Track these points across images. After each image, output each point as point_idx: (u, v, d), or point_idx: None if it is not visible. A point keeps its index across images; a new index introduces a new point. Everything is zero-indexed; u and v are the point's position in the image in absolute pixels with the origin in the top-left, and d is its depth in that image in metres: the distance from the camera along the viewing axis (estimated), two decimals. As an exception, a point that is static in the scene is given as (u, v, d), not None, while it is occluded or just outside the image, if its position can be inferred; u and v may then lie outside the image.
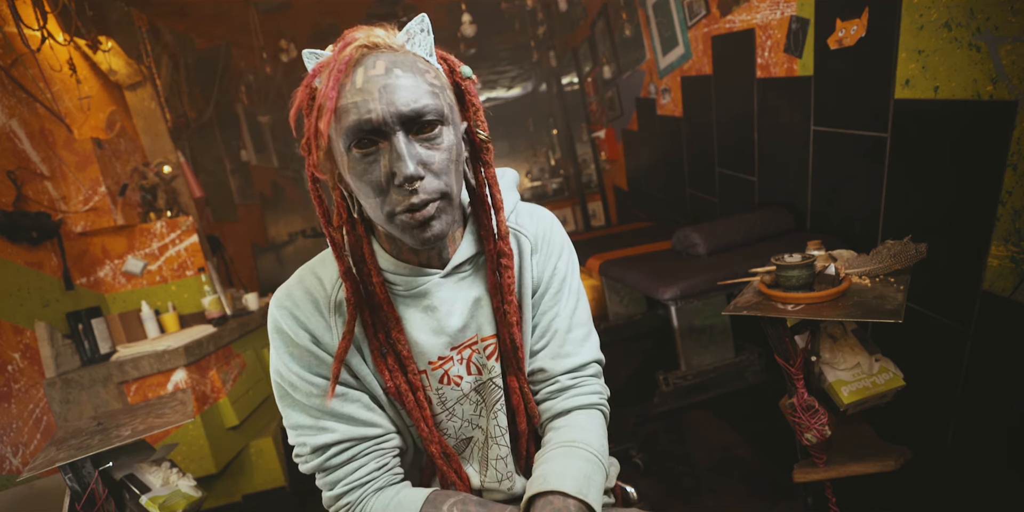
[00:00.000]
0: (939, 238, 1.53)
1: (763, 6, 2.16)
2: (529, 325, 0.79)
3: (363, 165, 0.62)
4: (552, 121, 5.98)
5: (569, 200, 5.58)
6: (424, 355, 0.75)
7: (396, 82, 0.60)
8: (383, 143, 0.61)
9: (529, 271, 0.78)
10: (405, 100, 0.60)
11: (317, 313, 0.72)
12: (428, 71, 0.63)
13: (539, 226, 0.81)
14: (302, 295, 0.73)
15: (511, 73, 5.94)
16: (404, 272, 0.73)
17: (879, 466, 1.29)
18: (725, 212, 2.85)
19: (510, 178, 0.84)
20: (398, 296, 0.74)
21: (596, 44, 4.14)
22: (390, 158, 0.61)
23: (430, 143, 0.62)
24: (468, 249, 0.76)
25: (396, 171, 0.60)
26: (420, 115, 0.61)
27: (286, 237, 5.05)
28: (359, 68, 0.61)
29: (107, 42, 2.64)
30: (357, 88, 0.60)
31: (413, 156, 0.61)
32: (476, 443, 0.81)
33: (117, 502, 1.33)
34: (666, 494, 1.78)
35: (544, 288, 0.80)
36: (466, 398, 0.78)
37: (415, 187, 0.61)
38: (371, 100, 0.59)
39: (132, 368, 2.07)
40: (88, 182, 2.27)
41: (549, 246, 0.81)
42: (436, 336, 0.75)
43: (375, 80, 0.60)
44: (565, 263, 0.81)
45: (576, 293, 0.82)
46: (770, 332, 1.28)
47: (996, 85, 1.34)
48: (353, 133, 0.60)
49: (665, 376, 2.22)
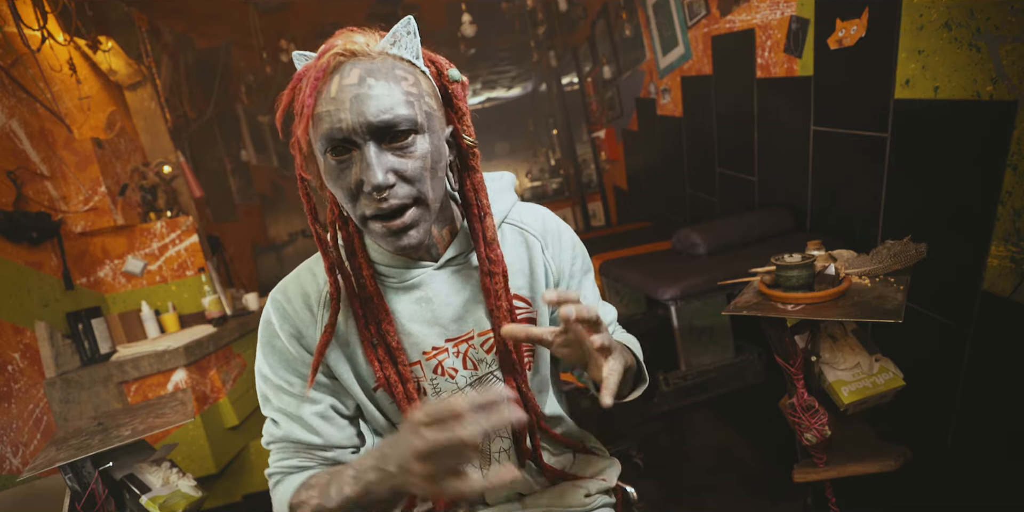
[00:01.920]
0: (939, 238, 1.52)
1: (763, 6, 2.16)
2: (545, 317, 0.81)
3: (337, 171, 0.63)
4: (552, 121, 5.97)
5: (569, 200, 5.58)
6: (418, 345, 0.75)
7: (368, 92, 0.61)
8: (355, 151, 0.62)
9: (543, 266, 0.81)
10: (375, 111, 0.60)
11: (306, 307, 0.74)
12: (406, 78, 0.64)
13: (543, 223, 0.84)
14: (295, 289, 0.75)
15: (511, 73, 5.95)
16: (397, 264, 0.74)
17: (879, 466, 1.29)
18: (725, 212, 2.85)
19: (507, 180, 0.85)
20: (390, 288, 0.75)
21: (596, 44, 4.14)
22: (361, 167, 0.62)
23: (403, 152, 0.63)
24: (460, 245, 0.77)
25: (365, 180, 0.61)
26: (391, 126, 0.61)
27: (286, 237, 5.05)
28: (335, 76, 0.61)
29: (107, 42, 2.64)
30: (331, 97, 0.61)
31: (383, 165, 0.62)
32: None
33: (117, 502, 1.33)
34: (666, 494, 1.78)
35: (569, 276, 0.84)
36: (462, 392, 0.78)
37: (384, 195, 0.62)
38: (342, 110, 0.60)
39: (132, 368, 2.07)
40: (88, 182, 2.27)
41: (560, 239, 0.84)
42: (430, 327, 0.75)
43: (347, 89, 0.61)
44: (580, 251, 0.87)
45: (592, 275, 0.89)
46: (770, 332, 1.28)
47: (996, 85, 1.34)
48: (326, 140, 0.62)
49: (665, 376, 2.22)
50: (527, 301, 0.80)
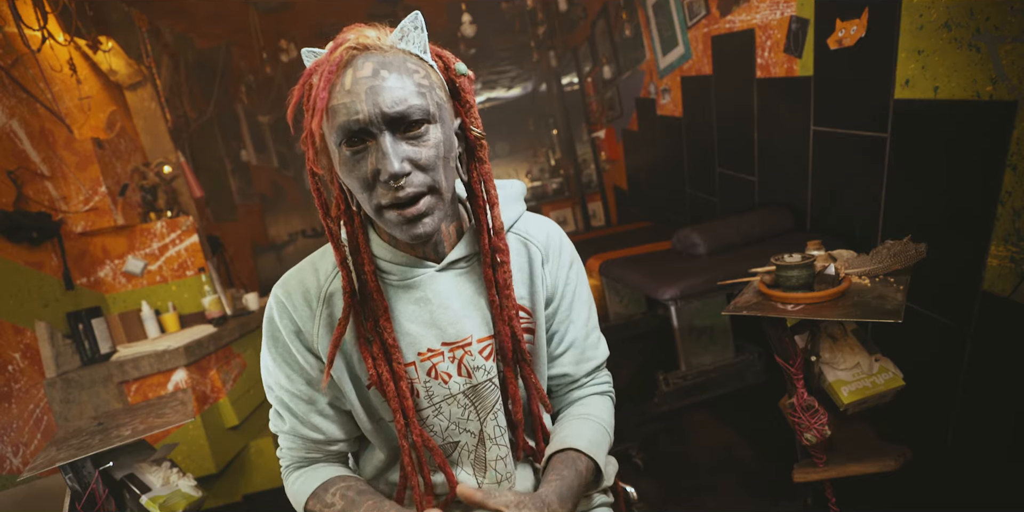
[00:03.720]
0: (939, 238, 1.53)
1: (763, 6, 2.16)
2: (543, 330, 0.82)
3: (352, 162, 0.64)
4: (552, 121, 5.97)
5: (569, 200, 5.57)
6: (414, 345, 0.75)
7: (382, 84, 0.62)
8: (371, 141, 0.64)
9: (541, 279, 0.81)
10: (390, 102, 0.62)
11: (305, 303, 0.75)
12: (417, 71, 0.65)
13: (547, 236, 0.84)
14: (296, 285, 0.76)
15: (511, 73, 5.95)
16: (400, 261, 0.75)
17: (879, 466, 1.29)
18: (725, 212, 2.85)
19: (517, 189, 0.86)
20: (391, 286, 0.75)
21: (596, 44, 4.14)
22: (376, 156, 0.63)
23: (417, 141, 0.64)
24: (466, 247, 0.76)
25: (381, 168, 0.63)
26: (405, 116, 0.63)
27: (286, 237, 5.05)
28: (348, 69, 0.63)
29: (107, 42, 2.64)
30: (346, 89, 0.62)
31: (398, 154, 0.63)
32: (465, 447, 0.80)
33: (117, 502, 1.33)
34: (666, 494, 1.78)
35: (560, 297, 0.84)
36: (454, 399, 0.78)
37: (400, 183, 0.63)
38: (358, 102, 0.62)
39: (132, 368, 2.07)
40: (88, 182, 2.27)
41: (560, 256, 0.84)
42: (427, 328, 0.75)
43: (362, 82, 0.62)
44: (576, 272, 0.86)
45: (587, 300, 0.88)
46: (770, 332, 1.28)
47: (996, 85, 1.34)
48: (342, 132, 0.63)
49: (665, 376, 2.22)
50: (528, 311, 0.80)
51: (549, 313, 0.84)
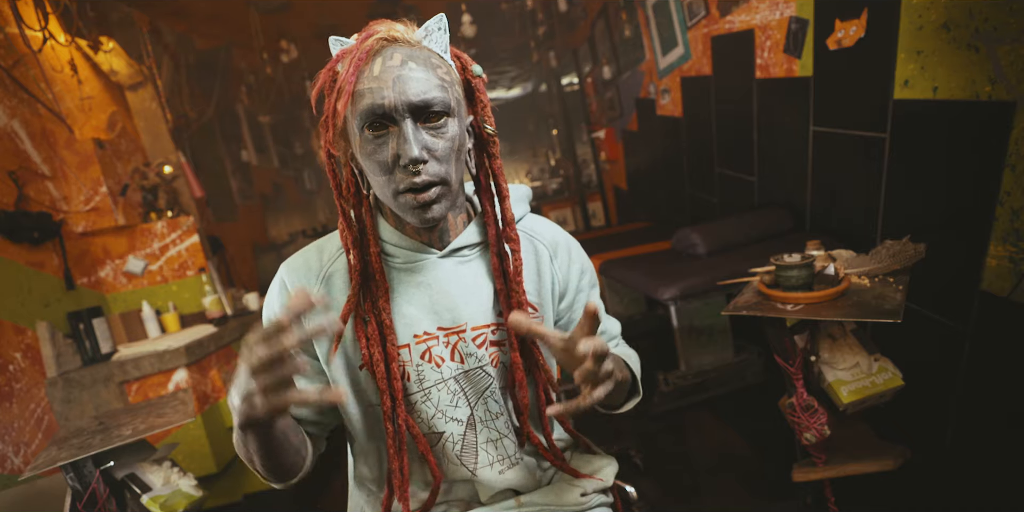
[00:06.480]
0: (938, 238, 1.53)
1: (763, 7, 2.16)
2: (550, 324, 0.84)
3: (373, 146, 0.67)
4: (552, 121, 5.97)
5: (569, 200, 5.57)
6: (410, 327, 0.76)
7: (409, 74, 0.65)
8: (393, 127, 0.66)
9: (550, 275, 0.83)
10: (416, 91, 0.65)
11: (304, 282, 0.77)
12: (440, 67, 0.69)
13: (553, 234, 0.86)
14: (300, 264, 0.79)
15: (511, 73, 5.95)
16: (405, 245, 0.77)
17: (878, 466, 1.29)
18: (725, 212, 2.85)
19: (522, 192, 0.88)
20: (393, 269, 0.77)
21: (596, 44, 4.14)
22: (398, 141, 0.66)
23: (436, 131, 0.67)
24: (470, 236, 0.79)
25: (402, 153, 0.65)
26: (428, 106, 0.66)
27: (286, 237, 5.05)
28: (377, 58, 0.66)
29: (108, 43, 2.65)
30: (374, 76, 0.65)
31: (419, 141, 0.66)
32: (450, 438, 0.79)
33: (118, 501, 1.34)
34: (666, 494, 1.78)
35: (575, 289, 0.86)
36: (444, 384, 0.78)
37: (418, 169, 0.66)
38: (385, 88, 0.65)
39: (133, 368, 2.07)
40: (89, 182, 2.28)
41: (569, 252, 0.86)
42: (425, 312, 0.77)
43: (391, 70, 0.65)
44: (588, 265, 0.89)
45: (598, 293, 0.92)
46: (770, 332, 1.28)
47: (994, 86, 1.34)
48: (366, 116, 0.66)
49: (665, 376, 2.22)
50: (535, 307, 0.81)
51: (563, 308, 0.86)
